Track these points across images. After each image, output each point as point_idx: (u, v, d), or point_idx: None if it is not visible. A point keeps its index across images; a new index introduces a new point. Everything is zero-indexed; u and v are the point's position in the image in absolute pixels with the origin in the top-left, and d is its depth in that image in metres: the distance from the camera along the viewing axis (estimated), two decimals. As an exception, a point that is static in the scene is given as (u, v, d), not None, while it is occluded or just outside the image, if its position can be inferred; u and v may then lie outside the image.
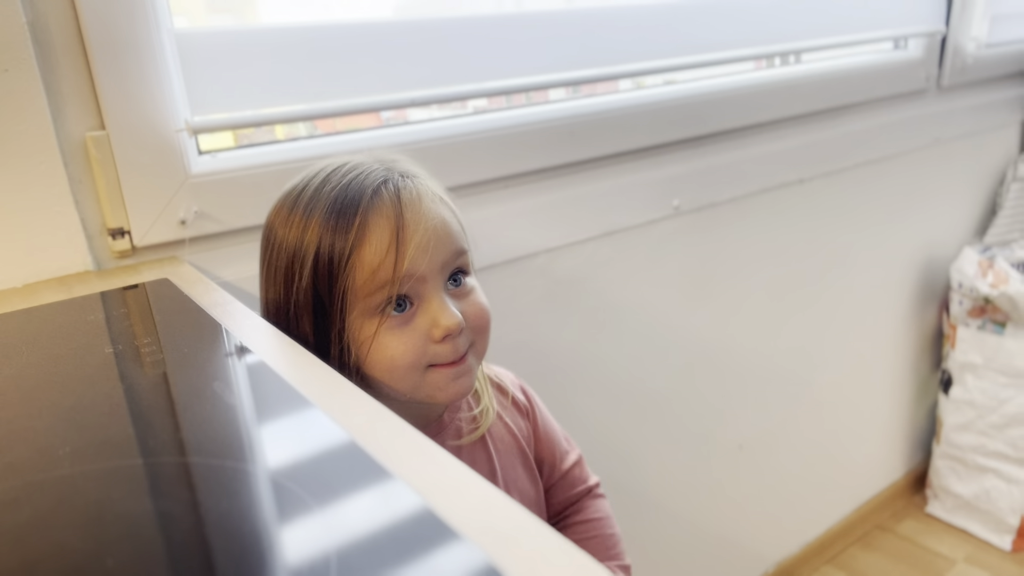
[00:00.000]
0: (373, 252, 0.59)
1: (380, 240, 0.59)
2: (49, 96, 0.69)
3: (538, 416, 0.78)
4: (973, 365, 1.65)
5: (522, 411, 0.77)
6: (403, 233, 0.59)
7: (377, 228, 0.59)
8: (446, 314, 0.60)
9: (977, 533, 1.70)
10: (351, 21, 0.87)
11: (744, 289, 1.34)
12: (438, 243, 0.61)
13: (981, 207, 1.82)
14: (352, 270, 0.59)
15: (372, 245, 0.59)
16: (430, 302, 0.61)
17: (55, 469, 0.36)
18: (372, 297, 0.59)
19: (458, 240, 0.63)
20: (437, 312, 0.60)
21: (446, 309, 0.61)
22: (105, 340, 0.53)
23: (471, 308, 0.64)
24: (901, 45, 1.51)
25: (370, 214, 0.59)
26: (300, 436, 0.39)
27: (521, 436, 0.75)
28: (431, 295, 0.61)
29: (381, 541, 0.30)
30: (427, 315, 0.61)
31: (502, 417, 0.74)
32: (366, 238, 0.59)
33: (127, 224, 0.75)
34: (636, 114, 1.10)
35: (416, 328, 0.61)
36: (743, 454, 1.43)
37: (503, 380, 0.77)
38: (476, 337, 0.64)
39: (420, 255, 0.59)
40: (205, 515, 0.33)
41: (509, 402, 0.76)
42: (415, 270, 0.59)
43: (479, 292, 0.66)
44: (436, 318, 0.60)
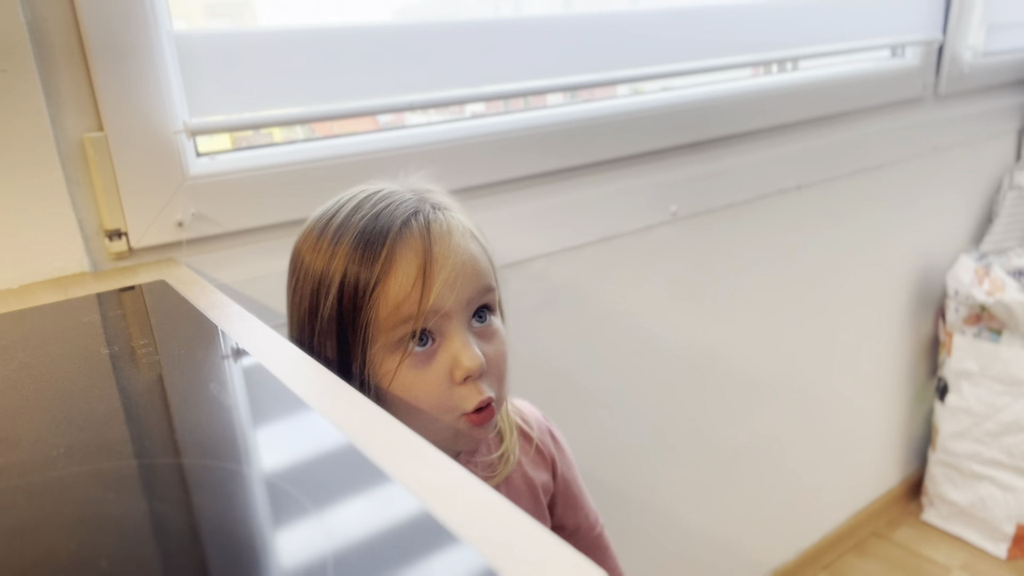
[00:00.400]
0: (399, 285, 0.57)
1: (407, 273, 0.57)
2: (47, 97, 0.69)
3: (560, 470, 0.74)
4: (969, 373, 1.65)
5: (546, 461, 0.73)
6: (431, 267, 0.58)
7: (404, 261, 0.57)
8: (468, 354, 0.58)
9: (973, 541, 1.70)
10: (349, 25, 0.87)
11: (741, 295, 1.34)
12: (465, 279, 0.59)
13: (977, 215, 1.83)
14: (376, 302, 0.57)
15: (398, 278, 0.57)
16: (452, 340, 0.59)
17: (49, 470, 0.36)
18: (395, 330, 0.58)
19: (486, 276, 0.61)
20: (459, 352, 0.58)
21: (468, 349, 0.58)
22: (101, 341, 0.53)
23: (493, 353, 0.61)
24: (898, 53, 1.52)
25: (398, 246, 0.58)
26: (297, 438, 0.39)
27: (542, 489, 0.72)
28: (454, 332, 0.59)
29: (378, 544, 0.30)
30: (448, 353, 0.59)
31: (522, 466, 0.71)
32: (392, 270, 0.57)
33: (124, 226, 0.74)
34: (634, 119, 1.10)
35: (437, 368, 0.59)
36: (739, 461, 1.43)
37: (528, 422, 0.74)
38: (498, 385, 0.62)
39: (447, 291, 0.58)
40: (200, 517, 0.33)
41: (532, 450, 0.73)
42: (440, 306, 0.58)
43: (503, 336, 0.64)
44: (458, 358, 0.58)
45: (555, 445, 0.75)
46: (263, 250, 0.83)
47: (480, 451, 0.68)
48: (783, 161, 1.32)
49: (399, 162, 0.90)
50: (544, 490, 0.72)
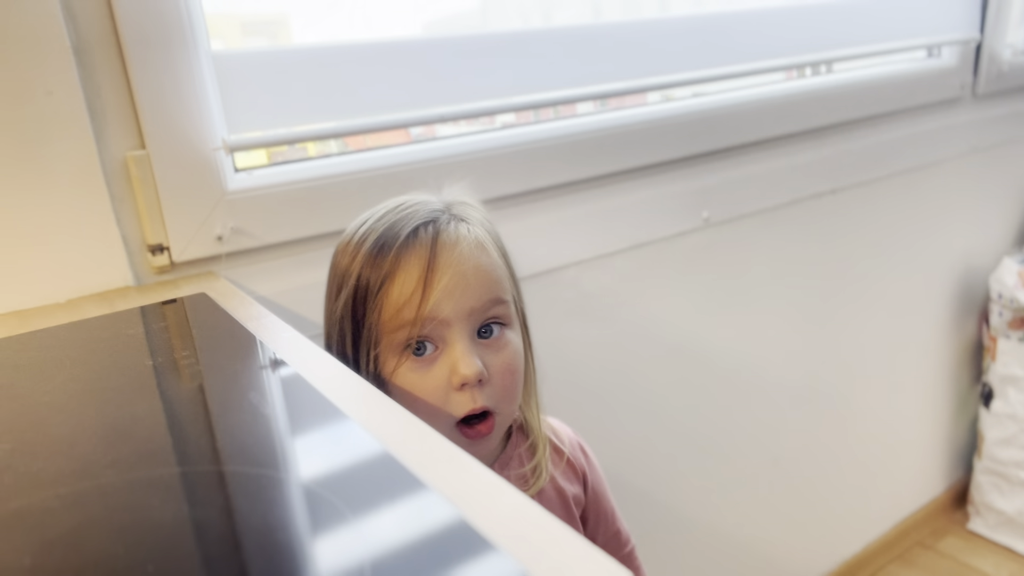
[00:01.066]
0: (399, 291, 0.60)
1: (408, 279, 0.60)
2: (92, 117, 0.72)
3: (591, 483, 0.75)
4: (1015, 378, 1.61)
5: (577, 474, 0.74)
6: (431, 275, 0.60)
7: (407, 267, 0.60)
8: (465, 361, 0.59)
9: (1021, 551, 1.65)
10: (380, 40, 0.88)
11: (776, 301, 1.32)
12: (466, 289, 0.60)
13: (1020, 216, 1.78)
14: (379, 305, 0.60)
15: (399, 283, 0.60)
16: (452, 347, 0.60)
17: (98, 478, 0.37)
18: (395, 334, 0.60)
19: (494, 289, 0.62)
20: (457, 359, 0.60)
21: (466, 356, 0.60)
22: (145, 353, 0.54)
23: (499, 364, 0.62)
24: (935, 53, 1.49)
25: (404, 253, 0.60)
26: (334, 446, 0.40)
27: (574, 502, 0.72)
28: (454, 341, 0.60)
29: (415, 551, 0.30)
30: (447, 361, 0.60)
31: (554, 478, 0.72)
32: (396, 276, 0.60)
33: (166, 240, 0.76)
34: (665, 126, 1.10)
35: (437, 373, 0.60)
36: (778, 469, 1.41)
37: (560, 437, 0.74)
38: (500, 399, 0.62)
39: (445, 298, 0.59)
40: (241, 523, 0.33)
41: (563, 463, 0.73)
42: (438, 313, 0.59)
43: (515, 350, 0.64)
44: (456, 365, 0.60)
45: (586, 460, 0.76)
46: (300, 262, 0.85)
47: (512, 464, 0.69)
48: (817, 165, 1.31)
49: (431, 174, 0.91)
50: (576, 503, 0.73)
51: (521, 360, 0.65)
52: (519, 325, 0.67)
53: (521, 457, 0.70)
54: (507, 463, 0.69)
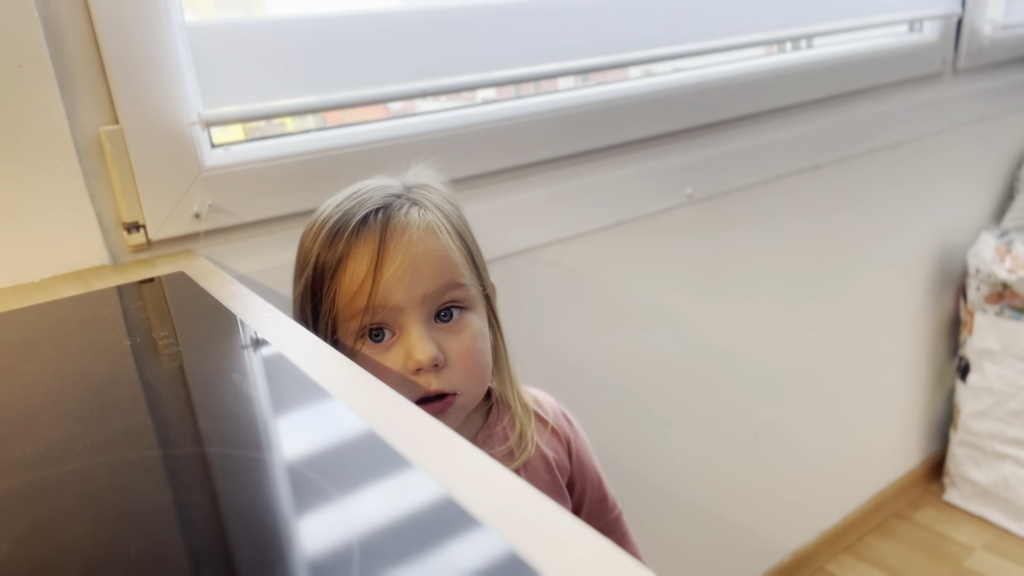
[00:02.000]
0: (350, 279, 0.60)
1: (358, 268, 0.60)
2: (63, 91, 0.70)
3: (575, 449, 0.75)
4: (991, 351, 1.63)
5: (561, 441, 0.75)
6: (381, 263, 0.60)
7: (356, 256, 0.60)
8: (420, 347, 0.60)
9: (996, 520, 1.69)
10: (359, 11, 0.86)
11: (758, 276, 1.33)
12: (417, 275, 0.61)
13: (998, 191, 1.80)
14: (333, 292, 0.61)
15: (350, 271, 0.60)
16: (408, 333, 0.61)
17: (75, 461, 0.36)
18: (350, 322, 0.61)
19: (449, 273, 0.62)
20: (412, 344, 0.60)
21: (421, 342, 0.60)
22: (122, 333, 0.53)
23: (458, 348, 0.63)
24: (916, 28, 1.49)
25: (354, 240, 0.61)
26: (319, 426, 0.39)
27: (556, 467, 0.73)
28: (409, 326, 0.61)
29: (403, 529, 0.30)
30: (403, 347, 0.61)
31: (538, 446, 0.72)
32: (347, 263, 0.61)
33: (142, 218, 0.75)
34: (647, 102, 1.09)
35: (393, 358, 0.61)
36: (759, 443, 1.42)
37: (543, 407, 0.75)
38: (462, 380, 0.63)
39: (396, 285, 0.60)
40: (225, 505, 0.33)
41: (548, 431, 0.74)
42: (388, 301, 0.60)
43: (475, 332, 0.64)
44: (411, 350, 0.60)
45: (570, 427, 0.76)
46: (279, 240, 0.84)
47: (495, 440, 0.69)
48: (799, 141, 1.31)
49: (410, 150, 0.89)
50: (560, 469, 0.73)
51: (483, 341, 0.65)
52: (483, 306, 0.67)
53: (505, 432, 0.70)
54: (489, 439, 0.69)
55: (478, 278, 0.66)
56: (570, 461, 0.75)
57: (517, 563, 0.28)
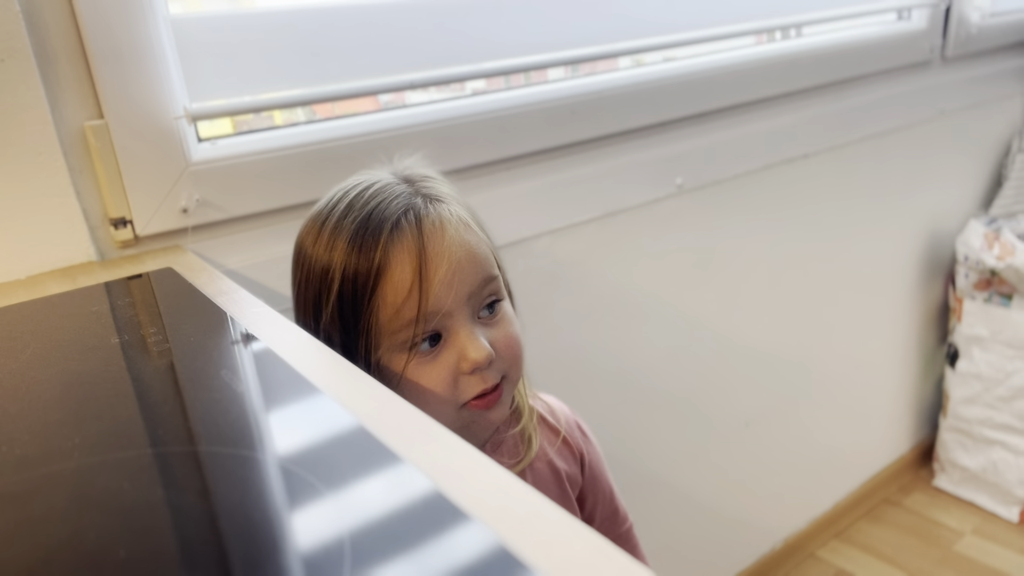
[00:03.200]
0: (395, 290, 0.57)
1: (402, 278, 0.57)
2: (46, 85, 0.69)
3: (588, 462, 0.73)
4: (979, 338, 1.64)
5: (574, 454, 0.72)
6: (426, 269, 0.57)
7: (399, 264, 0.57)
8: (474, 346, 0.58)
9: (984, 505, 1.70)
10: (348, 3, 0.86)
11: (749, 265, 1.33)
12: (462, 275, 0.58)
13: (986, 179, 1.81)
14: (376, 308, 0.57)
15: (394, 283, 0.57)
16: (458, 334, 0.59)
17: (64, 461, 0.36)
18: (398, 334, 0.58)
19: (486, 267, 0.60)
20: (465, 344, 0.58)
21: (474, 341, 0.58)
22: (111, 330, 0.53)
23: (502, 338, 0.61)
24: (904, 16, 1.49)
25: (391, 249, 0.57)
26: (309, 423, 0.39)
27: (567, 479, 0.71)
28: (459, 328, 0.59)
29: (394, 525, 0.30)
30: (455, 348, 0.59)
31: (548, 455, 0.70)
32: (387, 275, 0.57)
33: (129, 214, 0.74)
34: (636, 92, 1.09)
35: (445, 362, 0.59)
36: (749, 431, 1.43)
37: (556, 416, 0.73)
38: (508, 366, 0.62)
39: (445, 291, 0.57)
40: (216, 504, 0.33)
41: (559, 441, 0.72)
42: (440, 307, 0.58)
43: (511, 319, 0.63)
44: (464, 351, 0.58)
45: (584, 439, 0.74)
46: (269, 234, 0.83)
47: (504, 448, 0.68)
48: (789, 130, 1.31)
49: (401, 142, 0.89)
50: (571, 481, 0.71)
51: (518, 327, 0.64)
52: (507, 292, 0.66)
53: (515, 439, 0.68)
54: (498, 446, 0.68)
55: (501, 266, 0.65)
56: (582, 474, 0.73)
57: (507, 557, 0.28)
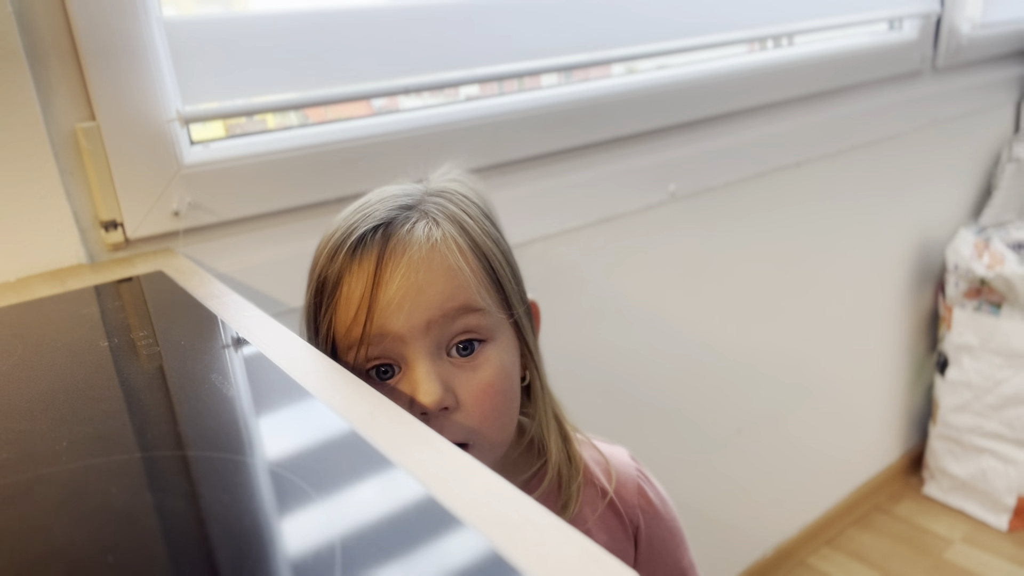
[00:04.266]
0: (345, 304, 0.53)
1: (353, 292, 0.53)
2: (38, 87, 0.68)
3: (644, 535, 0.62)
4: (969, 346, 1.65)
5: (624, 524, 0.61)
6: (377, 288, 0.52)
7: (352, 278, 0.53)
8: (424, 388, 0.52)
9: (974, 513, 1.71)
10: (342, 7, 0.85)
11: (741, 273, 1.33)
12: (420, 297, 0.52)
13: (977, 188, 1.82)
14: (329, 319, 0.55)
15: (345, 296, 0.53)
16: (413, 369, 0.53)
17: (53, 465, 0.36)
18: (347, 353, 0.54)
19: (459, 296, 0.53)
20: (416, 383, 0.52)
21: (426, 382, 0.52)
22: (100, 334, 0.53)
23: (472, 387, 0.53)
24: (896, 26, 1.50)
25: (349, 261, 0.54)
26: (300, 427, 0.39)
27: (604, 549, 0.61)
28: (415, 361, 0.53)
29: (385, 531, 0.30)
30: (409, 384, 0.53)
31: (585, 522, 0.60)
32: (341, 287, 0.54)
33: (120, 216, 0.74)
34: (630, 99, 1.09)
35: (399, 400, 0.53)
36: (741, 438, 1.43)
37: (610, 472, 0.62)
38: (478, 424, 0.53)
39: (395, 312, 0.52)
40: (206, 509, 0.33)
41: (604, 504, 0.61)
42: (388, 328, 0.52)
43: (495, 367, 0.55)
44: (415, 390, 0.52)
45: (645, 506, 0.63)
46: (261, 238, 0.83)
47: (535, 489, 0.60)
48: (781, 138, 1.31)
49: (394, 147, 0.89)
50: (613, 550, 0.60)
51: (505, 378, 0.55)
52: (510, 335, 0.58)
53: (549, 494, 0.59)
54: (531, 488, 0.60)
55: (503, 302, 0.57)
56: (636, 550, 0.62)
57: (500, 564, 0.27)
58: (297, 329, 0.64)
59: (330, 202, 0.86)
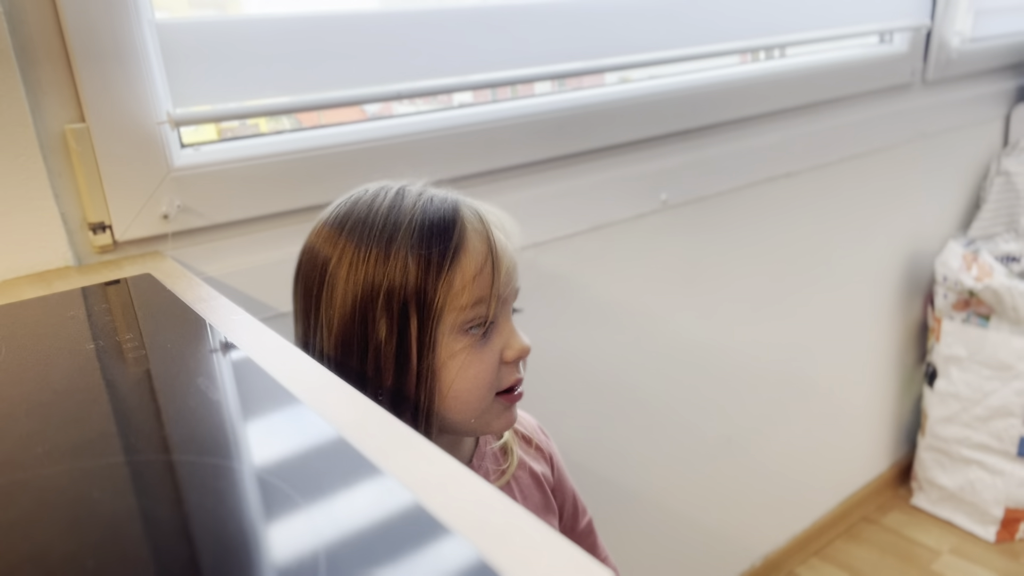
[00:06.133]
0: (473, 263, 0.59)
1: (477, 259, 0.59)
2: (27, 87, 0.68)
3: (556, 462, 0.77)
4: (958, 358, 1.66)
5: (544, 455, 0.76)
6: (496, 254, 0.61)
7: (473, 248, 0.60)
8: (519, 338, 0.63)
9: (962, 525, 1.71)
10: (336, 12, 0.85)
11: (731, 282, 1.34)
12: (515, 273, 0.63)
13: (965, 201, 1.83)
14: (451, 281, 0.58)
15: (471, 263, 0.59)
16: (504, 326, 0.63)
17: (34, 468, 0.35)
18: (464, 313, 0.59)
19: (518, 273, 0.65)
20: (511, 335, 0.63)
21: (519, 335, 0.63)
22: (86, 336, 0.52)
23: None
24: (886, 39, 1.52)
25: (465, 234, 0.60)
26: (287, 432, 0.38)
27: (545, 482, 0.74)
28: (504, 320, 0.63)
29: (371, 538, 0.30)
30: (501, 337, 0.62)
31: (526, 462, 0.73)
32: (463, 256, 0.59)
33: (108, 218, 0.73)
34: (623, 108, 1.09)
35: (492, 349, 0.62)
36: (731, 448, 1.43)
37: (523, 423, 0.77)
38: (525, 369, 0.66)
39: (509, 276, 0.62)
40: (189, 514, 0.32)
41: (532, 448, 0.75)
42: (503, 291, 0.61)
43: None
44: (510, 340, 0.62)
45: (547, 440, 0.78)
46: (251, 242, 0.82)
47: (487, 455, 0.70)
48: (773, 149, 1.32)
49: (386, 152, 0.89)
50: (547, 483, 0.74)
51: None
52: None
53: (495, 453, 0.71)
54: (482, 453, 0.70)
55: None
56: (553, 475, 0.76)
57: (487, 572, 0.27)
58: (285, 333, 0.63)
59: (321, 207, 0.85)
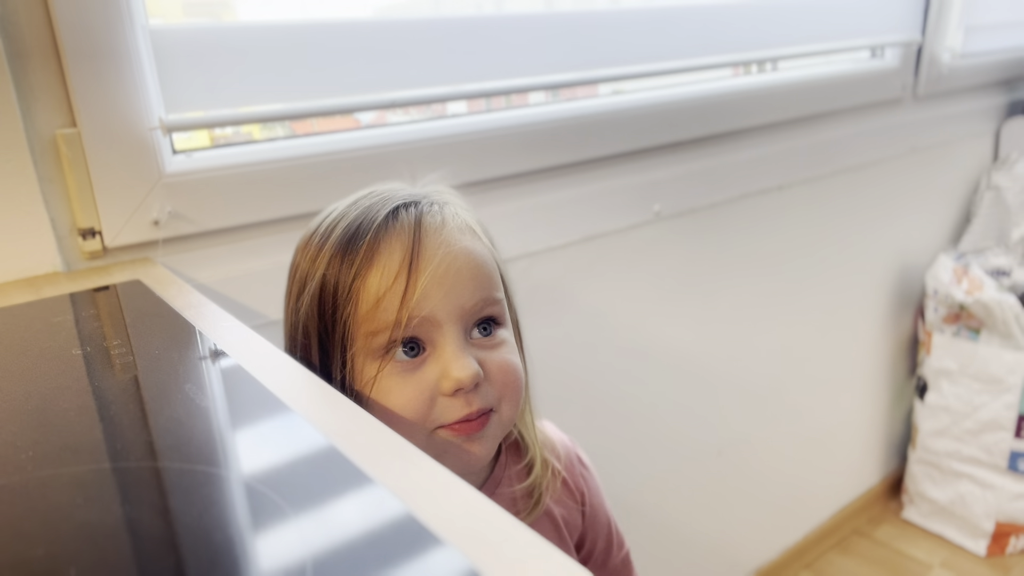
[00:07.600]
0: (379, 280, 0.50)
1: (389, 266, 0.50)
2: (18, 91, 0.67)
3: (588, 498, 0.67)
4: (948, 371, 1.66)
5: (574, 496, 0.66)
6: (417, 260, 0.50)
7: (387, 252, 0.51)
8: (459, 364, 0.50)
9: (952, 538, 1.71)
10: (330, 21, 0.85)
11: (723, 294, 1.34)
12: (459, 281, 0.51)
13: (956, 215, 1.85)
14: (355, 299, 0.51)
15: (379, 271, 0.50)
16: (443, 349, 0.51)
17: (18, 474, 0.35)
18: (376, 336, 0.51)
19: (488, 285, 0.54)
20: (449, 361, 0.51)
21: (460, 358, 0.51)
22: (74, 342, 0.51)
23: (496, 362, 0.54)
24: (878, 54, 1.53)
25: (381, 236, 0.51)
26: (276, 440, 0.38)
27: (565, 525, 0.65)
28: (445, 343, 0.51)
29: (360, 548, 0.29)
30: (437, 364, 0.52)
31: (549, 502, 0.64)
32: (374, 263, 0.51)
33: (98, 224, 0.73)
34: (616, 119, 1.10)
35: (423, 378, 0.52)
36: (722, 460, 1.43)
37: (557, 452, 0.66)
38: (500, 397, 0.54)
39: (434, 289, 0.51)
40: (176, 522, 0.32)
41: (559, 484, 0.65)
42: (426, 309, 0.51)
43: (511, 347, 0.56)
44: (447, 368, 0.51)
45: (585, 475, 0.68)
46: (242, 249, 0.82)
47: (502, 485, 0.61)
48: (765, 161, 1.33)
49: (380, 160, 0.89)
50: (570, 527, 0.65)
51: (517, 359, 0.57)
52: (512, 326, 0.59)
53: (511, 479, 0.62)
54: (497, 485, 0.61)
55: (508, 294, 0.59)
56: (583, 518, 0.67)
57: (478, 583, 0.27)
58: (276, 341, 0.63)
59: (313, 215, 0.85)
